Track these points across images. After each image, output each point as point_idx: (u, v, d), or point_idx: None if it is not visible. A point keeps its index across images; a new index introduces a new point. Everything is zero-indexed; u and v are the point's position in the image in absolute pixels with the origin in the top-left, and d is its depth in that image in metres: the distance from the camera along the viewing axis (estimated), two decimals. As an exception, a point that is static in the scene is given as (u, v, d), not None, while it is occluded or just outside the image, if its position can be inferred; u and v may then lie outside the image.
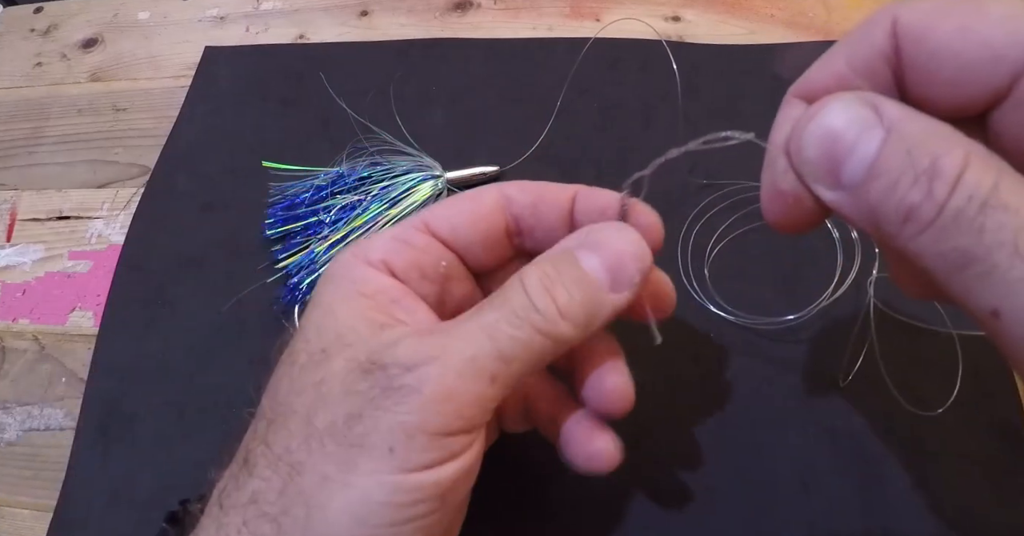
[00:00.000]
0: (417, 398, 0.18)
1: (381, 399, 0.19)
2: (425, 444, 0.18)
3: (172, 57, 0.50)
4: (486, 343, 0.19)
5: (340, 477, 0.18)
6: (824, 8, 0.48)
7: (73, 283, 0.41)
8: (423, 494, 0.19)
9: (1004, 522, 0.30)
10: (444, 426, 0.19)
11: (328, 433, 0.19)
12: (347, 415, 0.19)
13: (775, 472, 0.31)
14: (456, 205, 0.24)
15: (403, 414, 0.18)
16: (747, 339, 0.35)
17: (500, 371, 0.19)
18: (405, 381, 0.19)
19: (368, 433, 0.19)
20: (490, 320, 0.20)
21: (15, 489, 0.35)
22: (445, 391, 0.19)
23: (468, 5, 0.51)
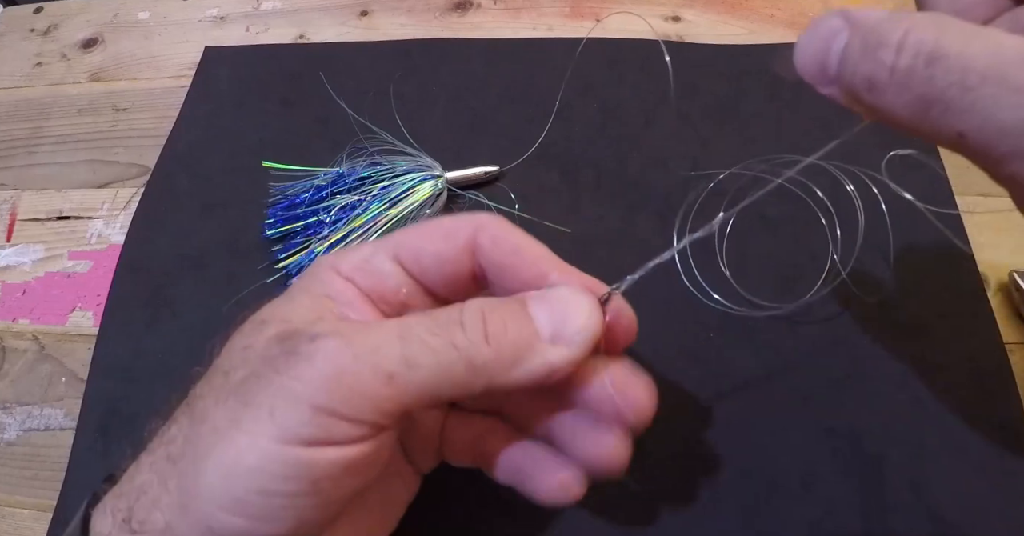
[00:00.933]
0: (308, 368, 0.18)
1: (279, 361, 0.19)
2: (304, 417, 0.18)
3: (172, 57, 0.50)
4: (395, 340, 0.19)
5: (226, 431, 0.19)
6: (824, 8, 0.48)
7: (73, 283, 0.41)
8: (293, 471, 0.18)
9: (1004, 522, 0.30)
10: (327, 404, 0.18)
11: (234, 387, 0.19)
12: (251, 373, 0.19)
13: (775, 472, 0.31)
14: (427, 239, 0.23)
15: (291, 379, 0.18)
16: (747, 339, 0.35)
17: (400, 373, 0.19)
18: (304, 348, 0.19)
19: (258, 392, 0.19)
20: (410, 322, 0.20)
21: (15, 489, 0.35)
22: (337, 369, 0.18)
23: (468, 5, 0.51)
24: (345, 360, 0.19)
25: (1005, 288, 0.36)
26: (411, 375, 0.19)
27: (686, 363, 0.34)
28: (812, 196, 0.39)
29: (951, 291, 0.35)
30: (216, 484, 0.18)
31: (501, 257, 0.22)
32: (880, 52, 0.17)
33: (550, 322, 0.20)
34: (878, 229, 0.37)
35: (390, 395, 0.19)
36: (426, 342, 0.19)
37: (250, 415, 0.18)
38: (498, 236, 0.22)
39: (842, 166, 0.39)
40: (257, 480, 0.18)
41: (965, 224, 0.37)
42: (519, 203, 0.40)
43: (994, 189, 0.42)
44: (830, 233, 0.37)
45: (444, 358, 0.19)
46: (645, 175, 0.41)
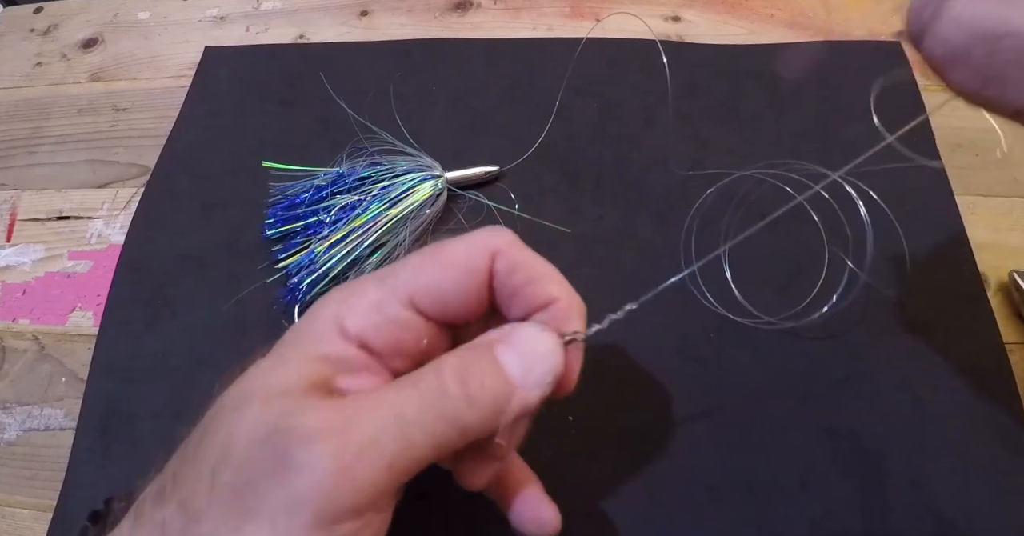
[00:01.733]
0: (305, 479, 0.18)
1: (276, 470, 0.18)
2: (307, 523, 0.18)
3: (172, 57, 0.50)
4: (392, 427, 0.19)
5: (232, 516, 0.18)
6: (824, 8, 0.48)
7: (73, 283, 0.41)
8: None
9: (1004, 522, 0.30)
10: (328, 510, 0.18)
11: (227, 491, 0.19)
12: (246, 477, 0.19)
13: (775, 472, 0.31)
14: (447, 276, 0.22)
15: (288, 490, 0.18)
16: (747, 339, 0.35)
17: (399, 457, 0.18)
18: (300, 456, 0.18)
19: (257, 502, 0.18)
20: (398, 400, 0.19)
21: (15, 489, 0.35)
22: (335, 476, 0.18)
23: (468, 5, 0.51)
24: (343, 463, 0.18)
25: (1005, 288, 0.36)
26: (410, 455, 0.19)
27: (686, 363, 0.34)
28: (814, 199, 0.39)
29: (951, 291, 0.35)
30: None
31: (515, 284, 0.22)
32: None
33: (520, 367, 0.21)
34: (879, 230, 0.37)
35: (387, 481, 0.19)
36: (419, 421, 0.19)
37: (250, 525, 0.18)
38: (515, 262, 0.22)
39: (844, 176, 0.39)
40: None
41: (965, 224, 0.37)
42: (519, 203, 0.40)
43: (994, 189, 0.42)
44: (829, 237, 0.37)
45: (439, 432, 0.19)
46: (645, 175, 0.41)
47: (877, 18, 0.48)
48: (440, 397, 0.19)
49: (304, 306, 0.37)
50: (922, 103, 0.42)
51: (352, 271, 0.37)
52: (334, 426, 0.18)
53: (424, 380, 0.20)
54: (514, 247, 0.22)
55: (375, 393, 0.20)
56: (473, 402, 0.20)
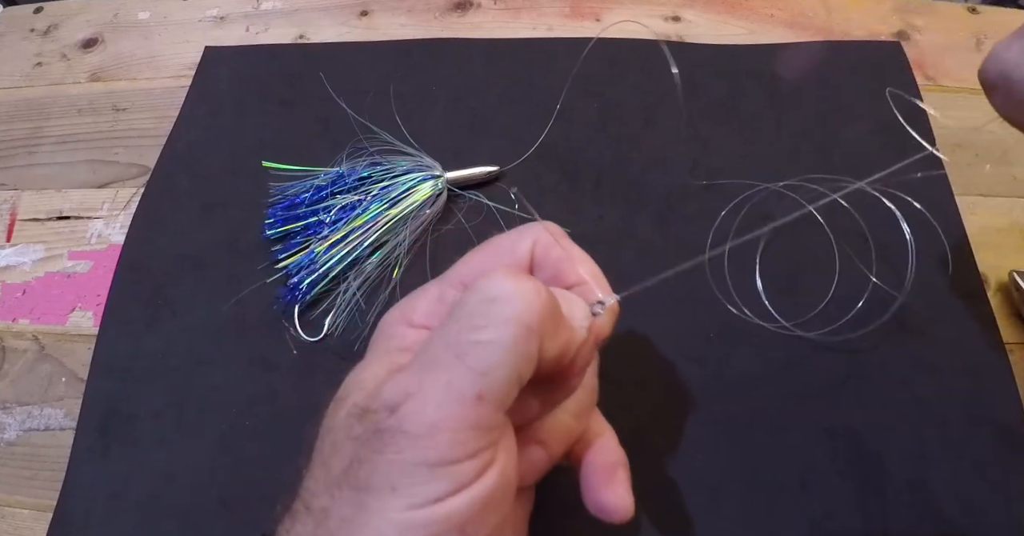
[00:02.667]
0: (403, 436, 0.19)
1: (375, 442, 0.19)
2: (426, 477, 0.18)
3: (172, 57, 0.50)
4: (457, 364, 0.19)
5: (356, 519, 0.19)
6: (824, 8, 0.48)
7: (73, 283, 0.41)
8: (438, 528, 0.18)
9: (1004, 522, 0.30)
10: (440, 457, 0.18)
11: (343, 478, 0.19)
12: (351, 460, 0.19)
13: (775, 472, 0.31)
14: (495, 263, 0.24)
15: (395, 453, 0.18)
16: (747, 339, 0.35)
17: (483, 387, 0.19)
18: (390, 422, 0.19)
19: (370, 476, 0.19)
20: (451, 335, 0.19)
21: (15, 489, 0.35)
22: (429, 424, 0.18)
23: (468, 5, 0.51)
24: (431, 414, 0.18)
25: (1005, 288, 0.36)
26: (492, 382, 0.19)
27: (686, 363, 0.34)
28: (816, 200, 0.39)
29: (951, 291, 0.35)
30: None
31: (551, 268, 0.24)
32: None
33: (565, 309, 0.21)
34: (879, 231, 0.37)
35: (487, 412, 0.19)
36: (480, 341, 0.19)
37: (373, 498, 0.18)
38: (551, 248, 0.24)
39: (843, 180, 0.39)
40: None
41: (965, 224, 0.37)
42: (519, 203, 0.40)
43: (994, 189, 0.42)
44: (838, 242, 0.37)
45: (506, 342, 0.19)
46: (645, 175, 0.41)
47: (877, 18, 0.48)
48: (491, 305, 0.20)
49: (304, 306, 0.37)
50: (921, 103, 0.42)
51: (352, 271, 0.37)
52: (409, 390, 0.19)
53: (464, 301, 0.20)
54: (553, 236, 0.24)
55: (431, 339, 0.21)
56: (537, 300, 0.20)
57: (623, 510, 0.24)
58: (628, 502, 0.24)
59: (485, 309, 0.19)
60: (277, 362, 0.36)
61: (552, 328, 0.20)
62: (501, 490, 0.20)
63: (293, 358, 0.36)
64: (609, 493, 0.24)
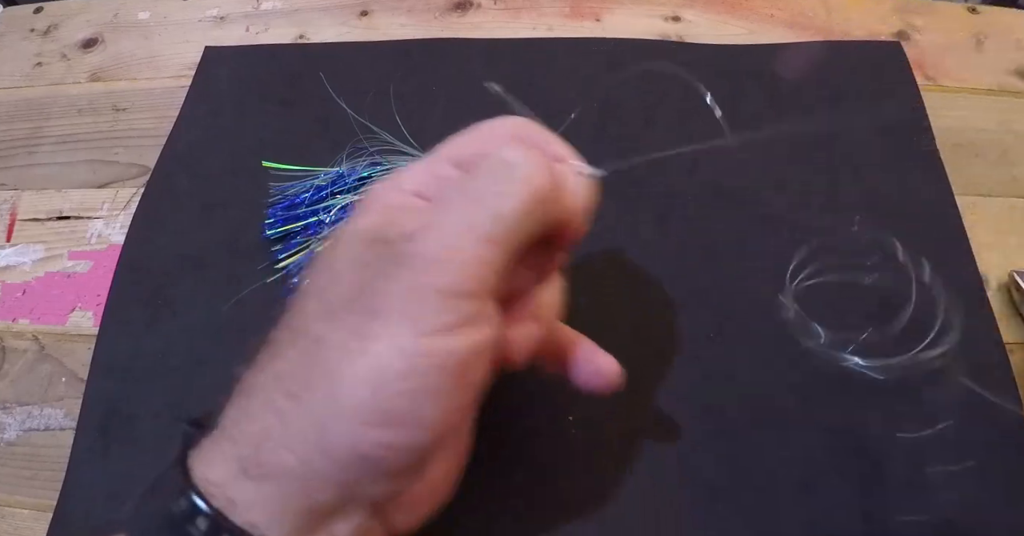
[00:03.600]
0: (420, 261, 0.19)
1: (389, 267, 0.19)
2: (436, 305, 0.19)
3: (172, 57, 0.50)
4: (477, 206, 0.20)
5: (357, 345, 0.19)
6: (824, 8, 0.48)
7: (73, 283, 0.41)
8: (439, 360, 0.19)
9: (1004, 522, 0.30)
10: (452, 285, 0.19)
11: (343, 305, 0.20)
12: (360, 286, 0.20)
13: (775, 472, 0.31)
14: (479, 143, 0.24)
15: (410, 277, 0.19)
16: (747, 339, 0.35)
17: (498, 230, 0.20)
18: (407, 248, 0.19)
19: (380, 300, 0.19)
20: (472, 185, 0.21)
21: (15, 489, 0.35)
22: (446, 251, 0.19)
23: (468, 5, 0.51)
24: (449, 241, 0.19)
25: (1005, 288, 0.36)
26: (506, 227, 0.20)
27: (686, 363, 0.34)
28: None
29: (951, 291, 0.35)
30: (362, 398, 0.18)
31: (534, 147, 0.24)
32: None
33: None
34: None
35: (494, 256, 0.20)
36: (499, 191, 0.20)
37: (380, 322, 0.19)
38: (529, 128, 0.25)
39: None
40: (404, 381, 0.18)
41: (965, 224, 0.37)
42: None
43: (994, 189, 0.42)
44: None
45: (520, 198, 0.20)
46: (645, 175, 0.41)
47: (877, 18, 0.48)
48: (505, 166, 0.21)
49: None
50: (922, 103, 0.42)
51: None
52: (429, 221, 0.20)
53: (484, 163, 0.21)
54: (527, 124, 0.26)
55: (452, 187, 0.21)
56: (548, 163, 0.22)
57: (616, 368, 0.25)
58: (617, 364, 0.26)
59: (503, 170, 0.21)
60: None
61: (555, 194, 0.21)
62: (496, 340, 0.21)
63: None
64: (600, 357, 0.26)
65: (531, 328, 0.24)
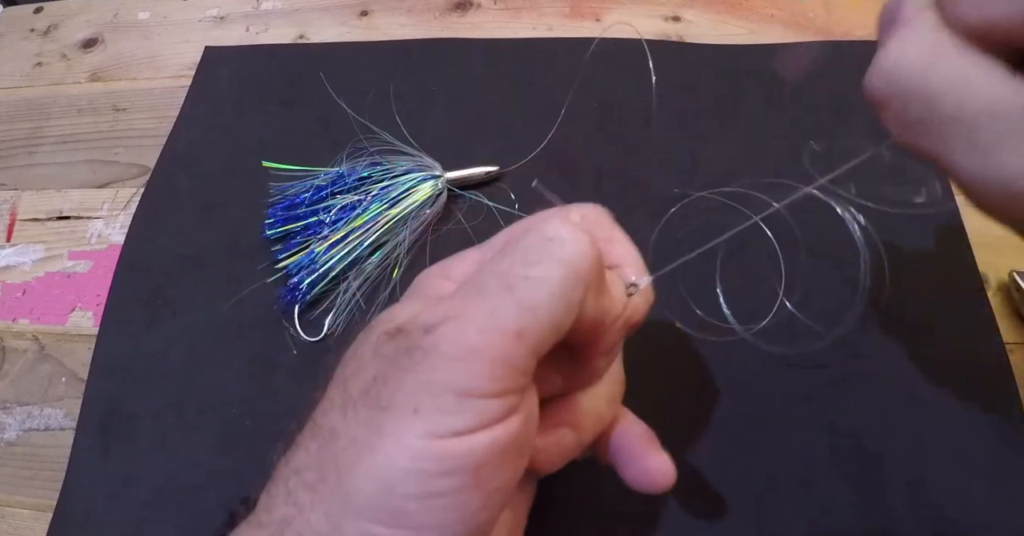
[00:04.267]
0: (437, 357, 0.18)
1: (404, 360, 0.18)
2: (452, 405, 0.17)
3: (172, 57, 0.50)
4: (505, 296, 0.18)
5: (367, 440, 0.18)
6: (824, 8, 0.48)
7: (73, 283, 0.41)
8: (452, 464, 0.17)
9: (1004, 523, 0.30)
10: (471, 385, 0.17)
11: (360, 398, 0.19)
12: (374, 378, 0.19)
13: (775, 472, 0.31)
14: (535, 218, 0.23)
15: (425, 373, 0.18)
16: (747, 339, 0.35)
17: (526, 323, 0.18)
18: (425, 342, 0.18)
19: (393, 394, 0.18)
20: (503, 268, 0.19)
21: (15, 489, 0.35)
22: (467, 348, 0.18)
23: (468, 5, 0.51)
24: (471, 337, 0.18)
25: (1005, 288, 0.36)
26: (535, 320, 0.18)
27: (686, 363, 0.34)
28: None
29: (951, 291, 0.35)
30: (370, 497, 0.17)
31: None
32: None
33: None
34: (880, 233, 0.37)
35: (523, 352, 0.18)
36: (530, 276, 0.18)
37: (391, 419, 0.18)
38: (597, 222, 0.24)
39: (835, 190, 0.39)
40: (415, 483, 0.17)
41: (965, 224, 0.37)
42: (519, 203, 0.40)
43: (994, 189, 0.41)
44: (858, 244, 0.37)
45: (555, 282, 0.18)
46: (645, 175, 0.41)
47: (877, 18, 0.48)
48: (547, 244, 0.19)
49: (304, 306, 0.37)
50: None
51: (352, 271, 0.37)
52: (450, 314, 0.18)
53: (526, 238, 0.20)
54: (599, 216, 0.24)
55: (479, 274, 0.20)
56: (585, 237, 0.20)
57: (668, 472, 0.24)
58: (671, 464, 0.24)
59: (541, 246, 0.19)
60: (277, 362, 0.36)
61: (597, 283, 0.19)
62: (521, 440, 0.19)
63: (293, 358, 0.36)
64: (651, 458, 0.24)
65: (564, 436, 0.23)
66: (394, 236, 0.38)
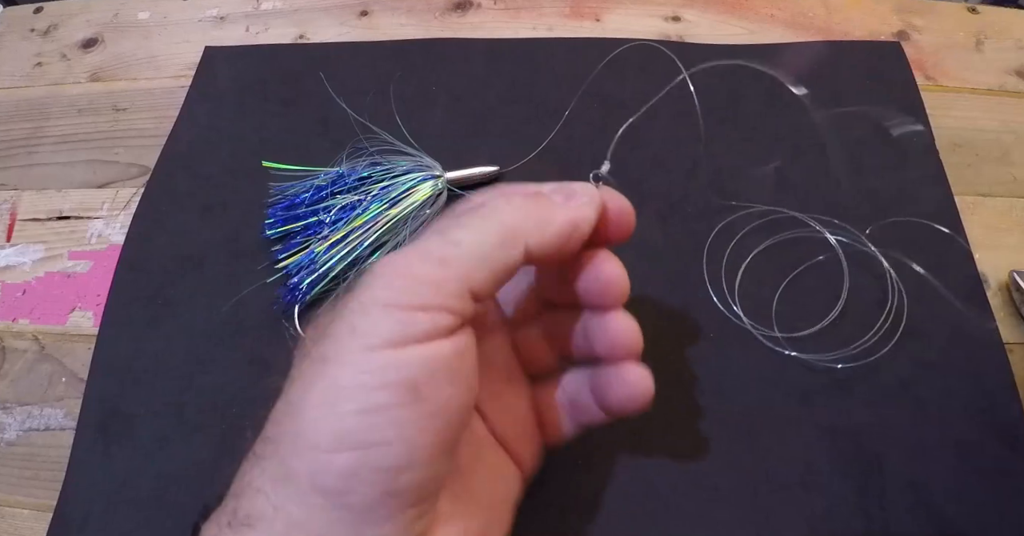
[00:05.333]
0: (370, 277, 0.20)
1: (345, 297, 0.20)
2: (380, 318, 0.19)
3: (172, 57, 0.50)
4: (435, 235, 0.21)
5: (315, 371, 0.19)
6: (824, 8, 0.48)
7: (73, 283, 0.41)
8: (389, 375, 0.18)
9: (1004, 522, 0.30)
10: (395, 299, 0.19)
11: (312, 346, 0.20)
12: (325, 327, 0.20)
13: (775, 472, 0.31)
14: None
15: (359, 294, 0.19)
16: (747, 339, 0.35)
17: (448, 253, 0.20)
18: (366, 277, 0.20)
19: (335, 324, 0.19)
20: (440, 224, 0.21)
21: (15, 489, 0.35)
22: (394, 267, 0.20)
23: (468, 5, 0.51)
24: (398, 261, 0.20)
25: (1005, 288, 0.36)
26: (459, 251, 0.20)
27: (686, 362, 0.34)
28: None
29: (951, 291, 0.35)
30: (316, 422, 0.18)
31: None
32: None
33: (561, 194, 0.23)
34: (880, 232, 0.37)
35: (448, 275, 0.20)
36: (461, 225, 0.21)
37: (333, 344, 0.19)
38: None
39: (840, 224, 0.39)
40: (356, 397, 0.18)
41: (965, 224, 0.37)
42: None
43: (994, 189, 0.42)
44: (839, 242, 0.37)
45: (482, 229, 0.21)
46: (645, 175, 0.41)
47: (877, 18, 0.48)
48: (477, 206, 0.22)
49: (304, 306, 0.37)
50: (922, 103, 0.42)
51: (352, 271, 0.37)
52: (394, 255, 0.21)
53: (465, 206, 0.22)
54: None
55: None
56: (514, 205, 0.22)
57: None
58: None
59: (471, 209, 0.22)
60: (277, 362, 0.36)
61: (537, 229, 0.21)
62: (458, 364, 0.20)
63: (293, 358, 0.36)
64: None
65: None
66: (394, 236, 0.38)
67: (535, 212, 0.21)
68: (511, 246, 0.21)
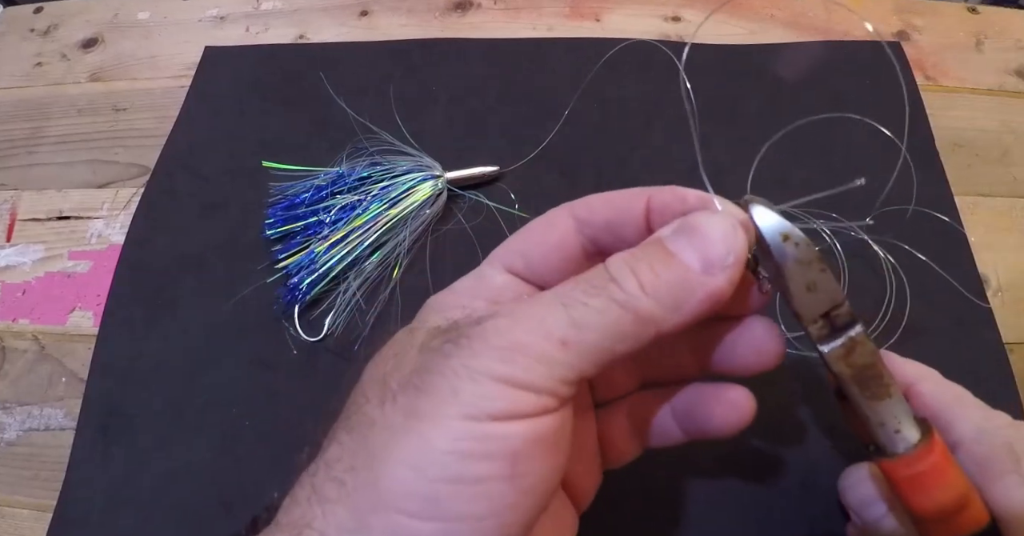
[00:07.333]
0: (481, 344, 0.18)
1: (450, 348, 0.19)
2: (489, 391, 0.18)
3: (172, 57, 0.50)
4: (558, 309, 0.19)
5: (404, 424, 0.18)
6: (824, 8, 0.48)
7: (73, 283, 0.41)
8: (489, 446, 0.17)
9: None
10: (509, 375, 0.18)
11: (399, 389, 0.19)
12: (417, 368, 0.19)
13: (775, 472, 0.31)
14: (527, 236, 0.24)
15: (467, 358, 0.18)
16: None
17: (571, 337, 0.18)
18: (474, 331, 0.19)
19: (433, 379, 0.18)
20: (566, 290, 0.19)
21: (15, 489, 0.35)
22: (512, 341, 0.18)
23: (468, 5, 0.51)
24: (517, 334, 0.18)
25: (1005, 288, 0.36)
26: (582, 337, 0.18)
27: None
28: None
29: (951, 291, 0.35)
30: (403, 482, 0.17)
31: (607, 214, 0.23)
32: None
33: (695, 253, 0.20)
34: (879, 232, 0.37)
35: (566, 360, 0.18)
36: (588, 304, 0.19)
37: (430, 401, 0.18)
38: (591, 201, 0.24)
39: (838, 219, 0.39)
40: (450, 465, 0.17)
41: (965, 224, 0.37)
42: (519, 203, 0.40)
43: (994, 189, 0.42)
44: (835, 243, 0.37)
45: (612, 317, 0.19)
46: (645, 175, 0.41)
47: (877, 18, 0.48)
48: (608, 284, 0.19)
49: (304, 306, 0.37)
50: (922, 103, 0.42)
51: (352, 271, 0.37)
52: (506, 312, 0.19)
53: (591, 276, 0.20)
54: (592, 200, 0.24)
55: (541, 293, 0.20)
56: (647, 290, 0.19)
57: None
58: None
59: (603, 283, 0.19)
60: (277, 362, 0.36)
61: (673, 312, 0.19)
62: (557, 439, 0.19)
63: (293, 358, 0.36)
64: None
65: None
66: (394, 236, 0.38)
67: (668, 295, 0.19)
68: (638, 336, 0.19)
